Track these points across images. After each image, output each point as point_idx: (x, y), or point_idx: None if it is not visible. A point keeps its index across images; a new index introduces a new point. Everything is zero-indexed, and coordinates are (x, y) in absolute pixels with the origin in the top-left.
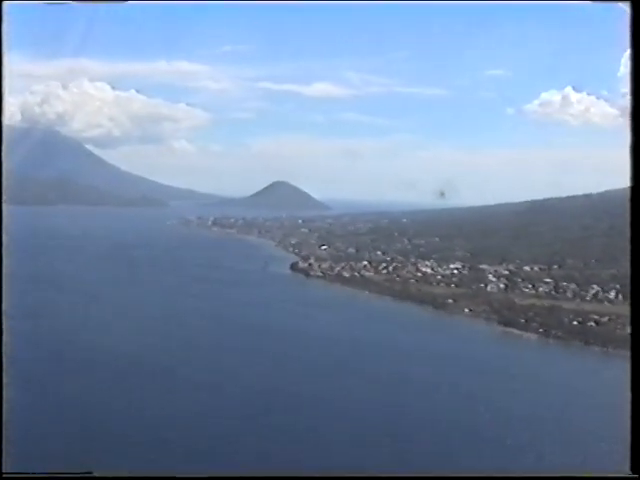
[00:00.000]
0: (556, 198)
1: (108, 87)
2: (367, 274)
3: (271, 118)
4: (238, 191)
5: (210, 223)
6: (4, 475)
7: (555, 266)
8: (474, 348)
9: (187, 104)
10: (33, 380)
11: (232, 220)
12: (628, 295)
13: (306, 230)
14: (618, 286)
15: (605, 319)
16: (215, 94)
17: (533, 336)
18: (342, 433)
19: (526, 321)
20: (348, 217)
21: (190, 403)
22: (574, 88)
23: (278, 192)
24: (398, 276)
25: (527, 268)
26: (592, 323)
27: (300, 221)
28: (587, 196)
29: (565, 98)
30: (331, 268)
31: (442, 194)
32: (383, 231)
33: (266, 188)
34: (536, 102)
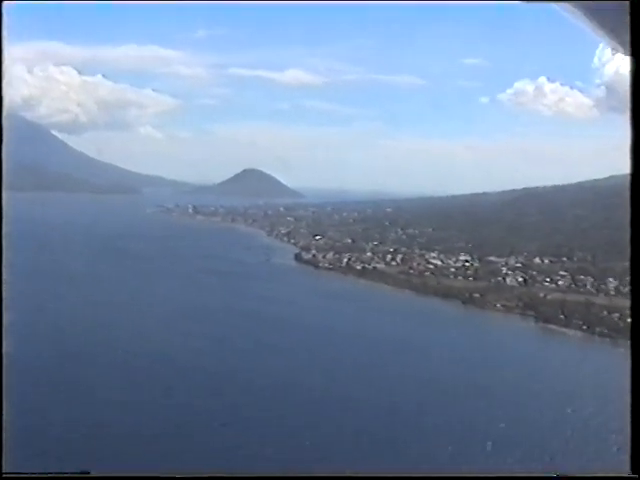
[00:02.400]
0: (539, 188)
1: (74, 72)
2: (378, 266)
3: (240, 105)
4: (208, 178)
5: (191, 211)
6: (4, 475)
7: (564, 258)
8: (529, 348)
9: (153, 90)
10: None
11: (212, 208)
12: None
13: (292, 219)
14: None
15: None
16: (185, 80)
17: (578, 333)
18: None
19: (566, 317)
20: (330, 206)
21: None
22: (548, 78)
23: (250, 179)
24: (411, 268)
25: (538, 260)
26: (630, 319)
27: (282, 209)
28: (570, 186)
29: (539, 88)
30: (338, 260)
31: None
32: (372, 221)
33: (237, 175)
34: (510, 91)
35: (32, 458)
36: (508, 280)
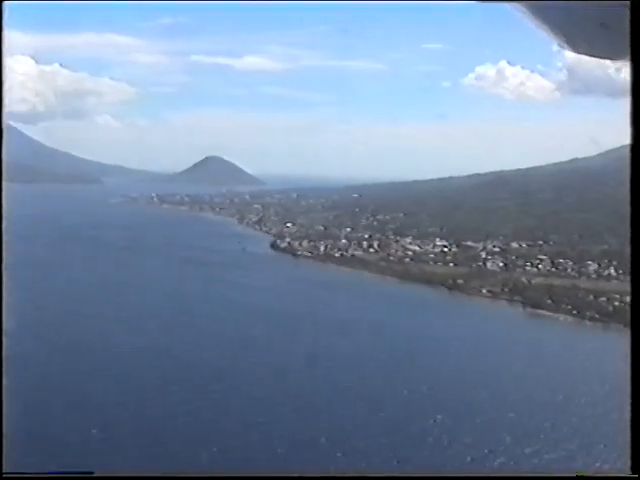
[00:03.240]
0: (505, 171)
1: (32, 61)
2: (356, 253)
3: (199, 92)
4: (169, 166)
5: (156, 200)
6: (4, 475)
7: (540, 242)
8: (526, 335)
9: (111, 78)
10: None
11: (178, 197)
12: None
13: (259, 206)
14: (615, 262)
15: (627, 298)
16: (144, 68)
17: (569, 318)
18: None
19: (553, 302)
20: (295, 192)
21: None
22: (509, 62)
23: (211, 167)
24: (389, 255)
25: (515, 245)
26: (617, 303)
27: (247, 197)
28: (535, 169)
29: (500, 72)
30: (315, 247)
31: None
32: (341, 207)
33: (199, 163)
34: (471, 75)
35: None
36: (489, 265)
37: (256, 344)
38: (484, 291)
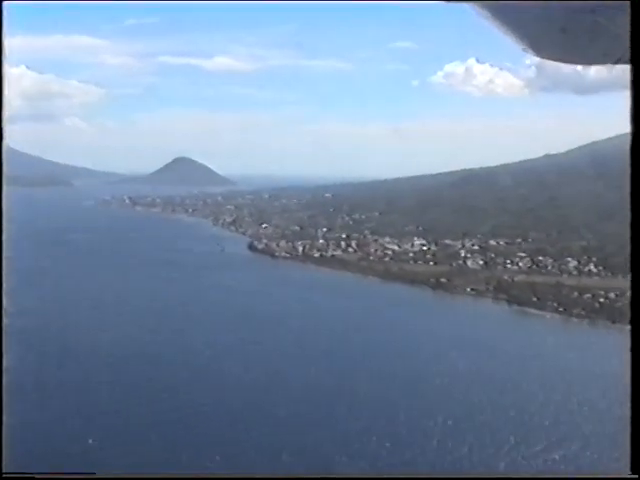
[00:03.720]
0: (477, 169)
1: None
2: (336, 253)
3: (168, 93)
4: (138, 168)
5: (129, 202)
6: (4, 475)
7: (519, 239)
8: (519, 334)
9: (79, 80)
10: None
11: (149, 199)
12: (610, 267)
13: (232, 207)
14: (595, 258)
15: (612, 295)
16: (112, 69)
17: (555, 316)
18: None
19: (539, 299)
20: (266, 193)
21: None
22: (477, 60)
23: (181, 168)
24: (369, 255)
25: (493, 242)
26: (602, 299)
27: (219, 198)
28: (507, 166)
29: (468, 70)
30: (294, 248)
31: None
32: (315, 207)
33: (168, 164)
34: (440, 74)
35: None
36: (469, 263)
37: (248, 347)
38: (468, 289)
